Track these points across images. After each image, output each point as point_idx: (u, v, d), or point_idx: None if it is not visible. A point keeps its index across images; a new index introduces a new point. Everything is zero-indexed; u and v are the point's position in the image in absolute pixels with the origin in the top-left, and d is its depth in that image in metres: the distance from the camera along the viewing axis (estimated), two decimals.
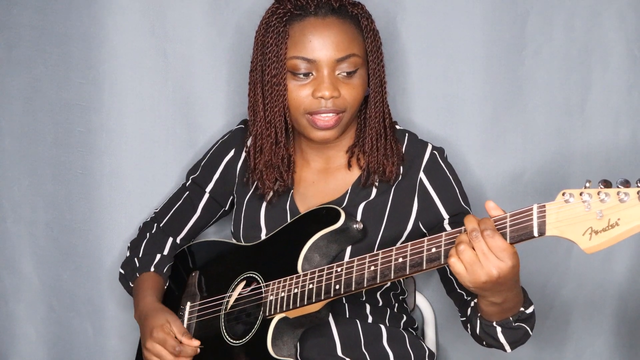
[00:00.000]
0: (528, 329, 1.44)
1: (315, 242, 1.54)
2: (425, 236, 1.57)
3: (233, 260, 1.71)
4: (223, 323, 1.62)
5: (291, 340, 1.54)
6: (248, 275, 1.63)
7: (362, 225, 1.56)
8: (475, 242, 1.25)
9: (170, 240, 1.82)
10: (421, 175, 1.60)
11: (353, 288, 1.42)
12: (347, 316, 1.64)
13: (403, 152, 1.63)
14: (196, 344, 1.59)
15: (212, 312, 1.65)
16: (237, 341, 1.58)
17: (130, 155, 1.97)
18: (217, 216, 1.85)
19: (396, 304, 1.70)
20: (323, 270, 1.47)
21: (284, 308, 1.50)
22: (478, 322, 1.45)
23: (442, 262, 1.32)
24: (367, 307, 1.65)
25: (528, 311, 1.42)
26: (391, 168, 1.60)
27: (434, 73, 1.87)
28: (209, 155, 1.81)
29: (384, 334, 1.65)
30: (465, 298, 1.55)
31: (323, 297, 1.46)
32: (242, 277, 1.64)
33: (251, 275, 1.62)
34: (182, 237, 1.84)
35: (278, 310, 1.51)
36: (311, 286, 1.48)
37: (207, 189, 1.80)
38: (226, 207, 1.83)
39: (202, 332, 1.64)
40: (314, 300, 1.47)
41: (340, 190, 1.64)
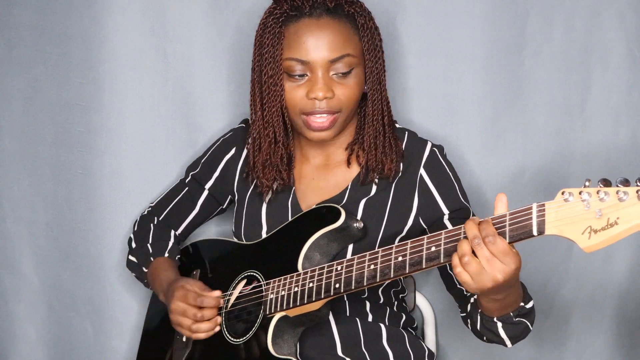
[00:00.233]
0: (528, 324, 1.45)
1: (315, 241, 1.54)
2: (425, 232, 1.58)
3: (233, 258, 1.71)
4: (223, 321, 1.62)
5: (291, 338, 1.54)
6: (248, 273, 1.63)
7: (363, 224, 1.56)
8: (477, 250, 1.26)
9: (172, 231, 1.83)
10: (421, 171, 1.61)
11: (353, 287, 1.43)
12: (348, 314, 1.64)
13: (403, 149, 1.63)
14: (217, 294, 1.59)
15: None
16: (238, 339, 1.58)
17: (130, 155, 1.97)
18: (214, 214, 1.86)
19: (396, 302, 1.71)
20: (323, 268, 1.48)
21: (284, 306, 1.51)
22: (479, 318, 1.46)
23: (442, 261, 1.32)
24: (368, 305, 1.66)
25: (528, 306, 1.43)
26: (390, 165, 1.60)
27: (434, 73, 1.88)
28: (210, 152, 1.81)
29: (384, 334, 1.65)
30: (465, 294, 1.55)
31: (323, 296, 1.46)
32: (243, 276, 1.64)
33: (252, 273, 1.62)
34: (180, 232, 1.84)
35: (278, 308, 1.52)
36: (311, 285, 1.48)
37: (207, 186, 1.80)
38: (224, 206, 1.84)
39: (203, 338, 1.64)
40: (314, 298, 1.47)
41: (340, 186, 1.65)
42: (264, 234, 1.67)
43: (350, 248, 1.58)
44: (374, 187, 1.62)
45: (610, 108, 1.90)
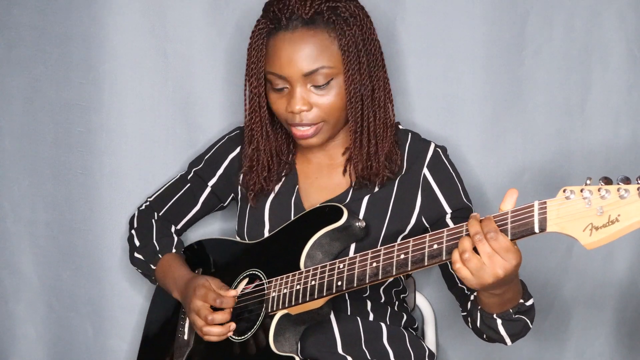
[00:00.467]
0: (528, 322, 1.46)
1: (317, 240, 1.54)
2: (427, 231, 1.59)
3: (236, 257, 1.72)
4: None
5: (293, 336, 1.55)
6: (251, 272, 1.63)
7: (365, 223, 1.57)
8: (479, 246, 1.27)
9: (173, 227, 1.84)
10: (425, 171, 1.61)
11: (355, 284, 1.43)
12: (349, 313, 1.64)
13: (407, 150, 1.63)
14: (233, 294, 1.59)
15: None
16: (240, 337, 1.58)
17: (130, 155, 1.97)
18: (214, 210, 1.86)
19: (397, 302, 1.71)
20: (325, 266, 1.48)
21: (286, 304, 1.51)
22: (478, 315, 1.47)
23: (444, 258, 1.33)
24: (369, 304, 1.66)
25: (528, 304, 1.43)
26: (377, 173, 1.60)
27: (434, 73, 1.88)
28: (214, 149, 1.82)
29: (384, 332, 1.65)
30: (465, 292, 1.56)
31: (325, 294, 1.47)
32: (245, 275, 1.64)
33: (254, 272, 1.63)
34: (179, 228, 1.85)
35: (280, 306, 1.52)
36: (313, 282, 1.48)
37: (210, 183, 1.81)
38: (225, 204, 1.84)
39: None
40: (316, 296, 1.48)
41: (343, 185, 1.65)
42: (267, 233, 1.67)
43: (352, 247, 1.58)
44: (377, 186, 1.62)
45: (610, 108, 1.90)
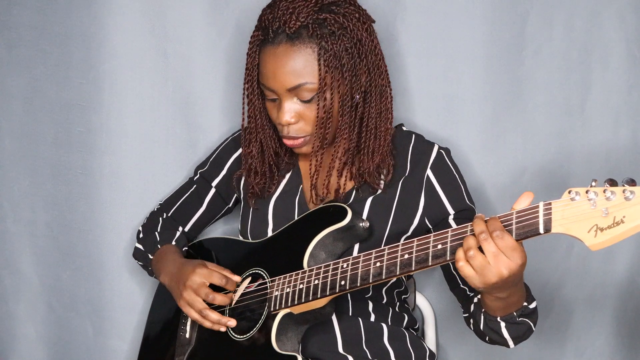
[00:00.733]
0: (531, 324, 1.46)
1: (321, 240, 1.54)
2: (430, 231, 1.59)
3: (239, 256, 1.72)
4: None
5: (295, 336, 1.55)
6: (254, 271, 1.64)
7: (369, 223, 1.57)
8: (484, 244, 1.27)
9: (180, 228, 1.84)
10: (428, 172, 1.61)
11: (358, 284, 1.43)
12: (350, 314, 1.64)
13: (410, 152, 1.63)
14: (237, 278, 1.61)
15: (218, 308, 1.65)
16: (242, 336, 1.58)
17: (130, 155, 1.97)
18: (221, 213, 1.86)
19: (398, 303, 1.71)
20: (329, 266, 1.48)
21: (289, 303, 1.51)
22: (482, 318, 1.46)
23: (448, 259, 1.33)
24: (370, 305, 1.66)
25: (531, 306, 1.43)
26: (371, 178, 1.60)
27: (434, 73, 1.88)
28: (218, 151, 1.83)
29: (385, 332, 1.65)
30: (467, 293, 1.56)
31: (328, 293, 1.47)
32: (248, 274, 1.64)
33: (257, 271, 1.63)
34: (188, 230, 1.85)
35: (283, 305, 1.52)
36: (316, 282, 1.48)
37: (214, 184, 1.81)
38: (230, 204, 1.85)
39: (207, 327, 1.64)
40: (319, 295, 1.48)
41: (347, 185, 1.65)
42: (270, 232, 1.68)
43: (356, 247, 1.58)
44: (381, 185, 1.62)
45: (610, 108, 1.90)
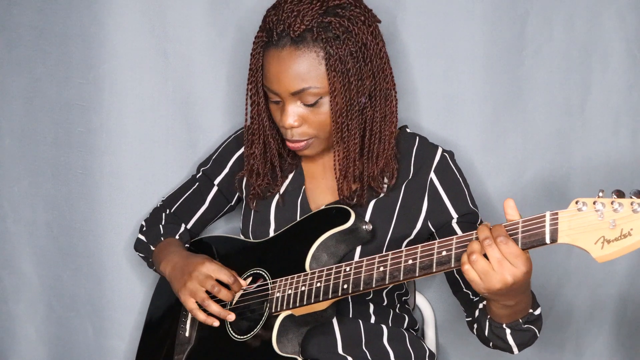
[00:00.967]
0: (536, 331, 1.45)
1: (324, 242, 1.54)
2: (433, 235, 1.58)
3: (240, 256, 1.72)
4: None
5: (296, 338, 1.55)
6: (254, 271, 1.63)
7: (372, 226, 1.56)
8: (488, 250, 1.26)
9: (183, 225, 1.84)
10: (432, 175, 1.61)
11: (361, 288, 1.43)
12: (351, 316, 1.64)
13: (414, 155, 1.63)
14: (244, 283, 1.60)
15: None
16: (242, 337, 1.58)
17: (130, 155, 1.97)
18: (224, 211, 1.86)
19: (399, 305, 1.71)
20: (332, 269, 1.48)
21: (291, 305, 1.51)
22: (487, 324, 1.46)
23: (452, 266, 1.32)
24: (371, 307, 1.66)
25: (536, 312, 1.43)
26: (375, 183, 1.59)
27: (434, 73, 1.87)
28: (221, 149, 1.83)
29: (385, 333, 1.65)
30: (471, 297, 1.55)
31: (330, 296, 1.46)
32: (249, 274, 1.64)
33: (258, 271, 1.62)
34: (190, 228, 1.85)
35: (284, 307, 1.52)
36: (319, 285, 1.48)
37: (216, 182, 1.81)
38: (232, 203, 1.84)
39: (207, 327, 1.63)
40: (321, 298, 1.47)
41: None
42: (272, 232, 1.67)
43: (358, 250, 1.58)
44: (384, 188, 1.62)
45: (610, 108, 1.90)
